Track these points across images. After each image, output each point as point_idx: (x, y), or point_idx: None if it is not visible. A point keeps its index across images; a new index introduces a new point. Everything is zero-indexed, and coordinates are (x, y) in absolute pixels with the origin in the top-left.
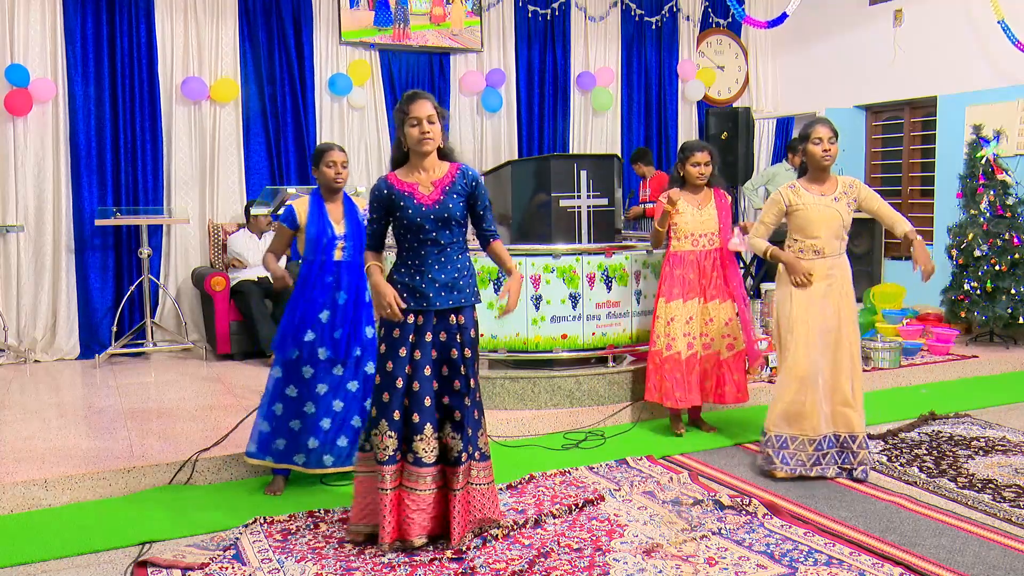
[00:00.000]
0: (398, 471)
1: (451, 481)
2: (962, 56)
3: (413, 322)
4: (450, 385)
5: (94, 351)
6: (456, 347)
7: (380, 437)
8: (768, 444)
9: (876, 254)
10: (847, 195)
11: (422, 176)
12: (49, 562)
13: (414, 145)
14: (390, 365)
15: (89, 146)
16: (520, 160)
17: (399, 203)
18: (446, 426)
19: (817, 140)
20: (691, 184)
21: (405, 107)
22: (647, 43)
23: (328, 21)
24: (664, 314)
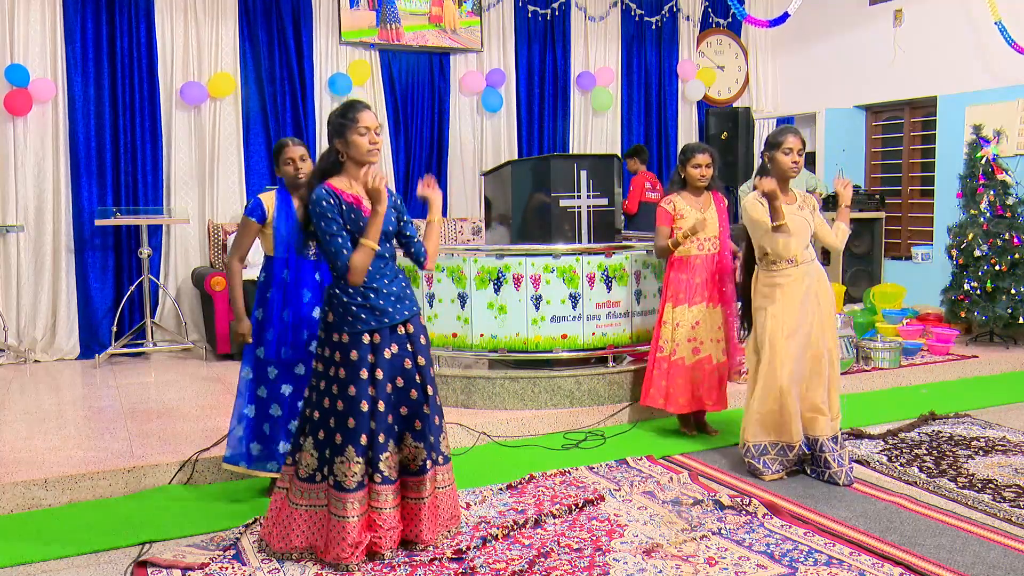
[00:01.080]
0: (366, 495)
1: (418, 490)
2: (962, 56)
3: (370, 342)
4: (407, 395)
5: (94, 351)
6: (409, 356)
7: (347, 464)
8: (748, 454)
9: (876, 254)
10: (808, 204)
11: (359, 189)
12: (49, 562)
13: (362, 155)
14: (352, 389)
15: (89, 146)
16: (520, 160)
17: (349, 216)
18: (407, 437)
19: (788, 150)
20: (692, 186)
21: (352, 115)
22: (647, 43)
23: (328, 21)
24: (671, 319)
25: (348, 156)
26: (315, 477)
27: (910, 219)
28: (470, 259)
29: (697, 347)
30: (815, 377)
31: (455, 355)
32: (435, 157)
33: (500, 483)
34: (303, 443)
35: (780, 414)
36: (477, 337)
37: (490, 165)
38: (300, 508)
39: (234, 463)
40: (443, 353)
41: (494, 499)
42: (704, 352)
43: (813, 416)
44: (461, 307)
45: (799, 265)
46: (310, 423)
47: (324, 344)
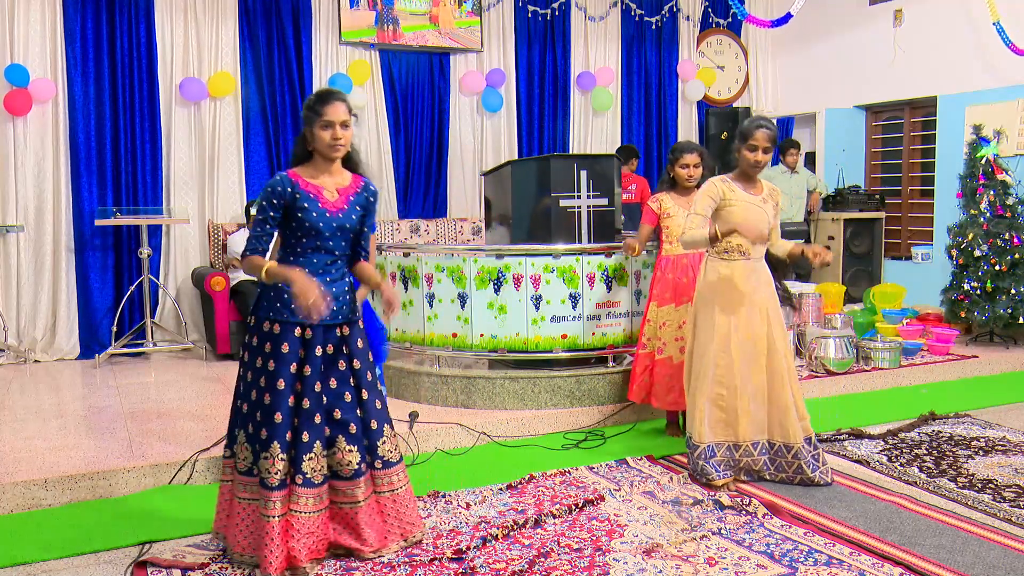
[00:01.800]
0: (287, 496)
1: (351, 494)
2: (962, 56)
3: (301, 335)
4: (341, 398)
5: (94, 351)
6: (344, 358)
7: (271, 461)
8: (700, 456)
9: (876, 254)
10: (771, 198)
11: (327, 180)
12: (49, 562)
13: (324, 149)
14: (281, 383)
15: (89, 146)
16: (520, 160)
17: (303, 204)
18: (339, 440)
19: (753, 147)
20: (681, 186)
21: (318, 107)
22: (647, 43)
23: (328, 21)
24: (656, 318)
25: (314, 147)
26: (252, 471)
27: (910, 219)
28: (470, 259)
29: (684, 346)
30: (775, 379)
31: (455, 355)
32: (435, 157)
33: (500, 483)
34: (238, 436)
35: (724, 411)
36: (477, 337)
37: (490, 165)
38: (244, 502)
39: None
40: (443, 353)
41: (494, 499)
42: None
43: (783, 423)
44: (461, 307)
45: (750, 260)
46: (241, 416)
47: (254, 332)
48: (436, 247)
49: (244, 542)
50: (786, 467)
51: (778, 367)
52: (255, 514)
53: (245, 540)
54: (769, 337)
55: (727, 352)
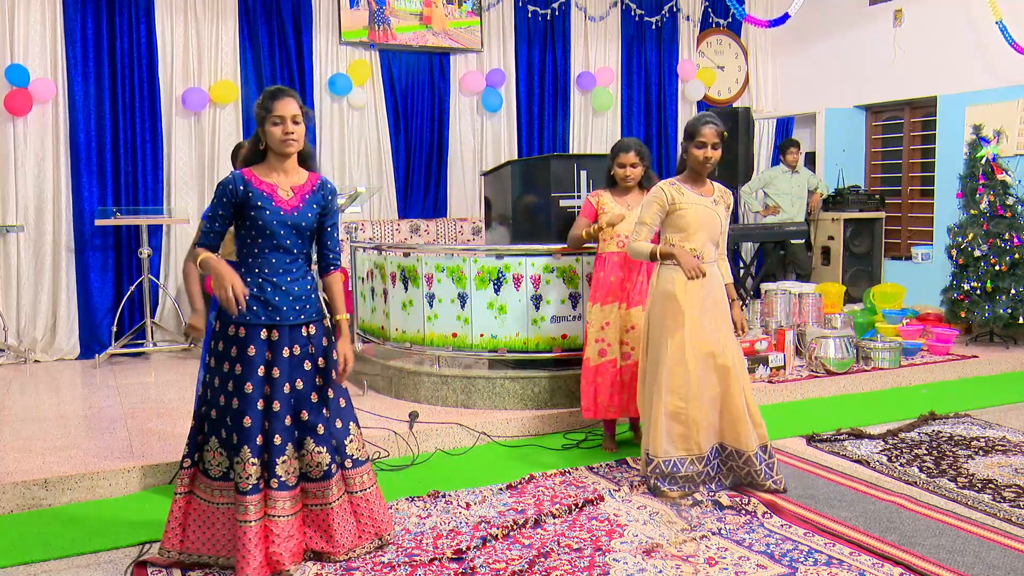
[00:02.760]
0: (262, 500)
1: (323, 496)
2: (962, 56)
3: (267, 337)
4: (307, 399)
5: (94, 351)
6: (309, 358)
7: (243, 466)
8: (655, 471)
9: (876, 254)
10: (723, 200)
11: (281, 179)
12: (49, 562)
13: (275, 145)
14: (249, 386)
15: (89, 146)
16: (520, 160)
17: (256, 203)
18: (308, 441)
19: (701, 144)
20: (619, 186)
21: (269, 104)
22: (647, 43)
23: (328, 21)
24: (589, 319)
25: (266, 145)
26: (228, 475)
27: (910, 219)
28: (470, 259)
29: (604, 348)
30: (730, 387)
31: (455, 355)
32: (435, 157)
33: (500, 483)
34: (206, 443)
35: (685, 422)
36: (477, 337)
37: (490, 165)
38: (222, 507)
39: None
40: (443, 353)
41: (494, 499)
42: (610, 355)
43: (736, 429)
44: (461, 307)
45: (704, 263)
46: (209, 421)
47: (219, 338)
48: (436, 247)
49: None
50: (737, 470)
51: (731, 373)
52: (227, 517)
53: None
54: (721, 343)
55: (683, 362)
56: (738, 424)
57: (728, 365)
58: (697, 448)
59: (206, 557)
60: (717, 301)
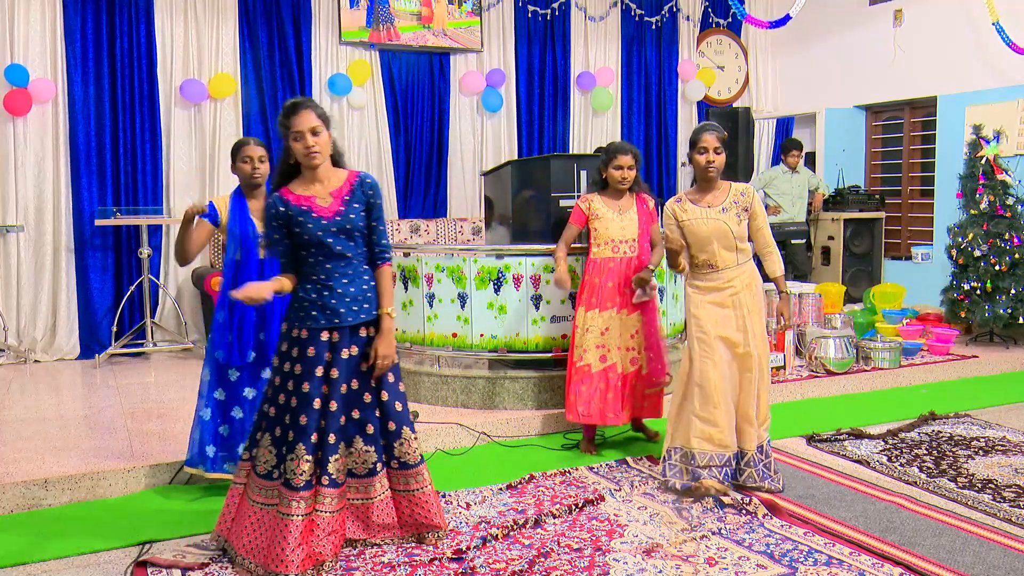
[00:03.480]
0: (312, 496)
1: (367, 492)
2: (962, 56)
3: (328, 339)
4: (359, 399)
5: (94, 351)
6: (366, 360)
7: (297, 462)
8: (693, 462)
9: (876, 254)
10: (738, 204)
11: (318, 188)
12: (49, 562)
13: (302, 160)
14: (307, 386)
15: (89, 146)
16: (520, 160)
17: (298, 219)
18: (357, 440)
19: (703, 149)
20: (613, 188)
21: (286, 121)
22: (647, 43)
23: (328, 21)
24: (581, 324)
25: (295, 159)
26: (272, 474)
27: (910, 219)
28: (470, 259)
29: (604, 354)
30: (745, 386)
31: (455, 355)
32: (435, 157)
33: (500, 483)
34: (260, 439)
35: (716, 418)
36: (477, 337)
37: (490, 165)
38: (257, 506)
39: (193, 466)
40: (443, 353)
41: (494, 499)
42: (610, 360)
43: (741, 427)
44: (461, 307)
45: (720, 270)
46: (267, 419)
47: (284, 339)
48: (436, 247)
49: (250, 545)
50: (737, 474)
51: (750, 374)
52: (268, 517)
53: (252, 544)
54: (747, 344)
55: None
56: (744, 423)
57: (748, 364)
58: (723, 447)
59: (232, 552)
60: (745, 302)
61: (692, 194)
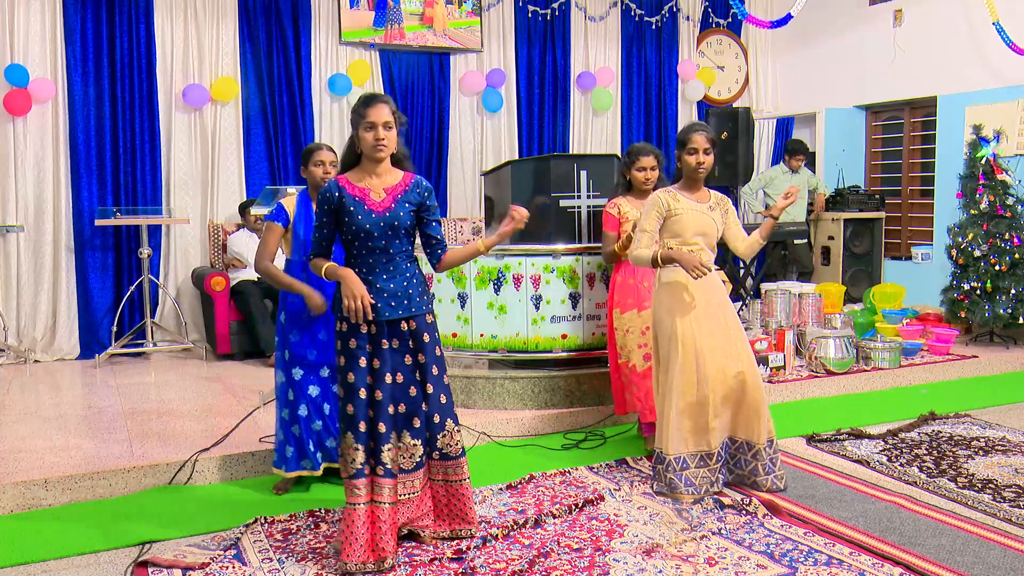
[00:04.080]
0: (369, 484)
1: (413, 485)
2: (962, 56)
3: (367, 331)
4: (406, 392)
5: (94, 351)
6: (410, 353)
7: (348, 451)
8: (669, 469)
9: (876, 254)
10: (720, 206)
11: (374, 181)
12: (49, 562)
13: (368, 151)
14: (351, 376)
15: (89, 146)
16: (520, 160)
17: (349, 207)
18: (405, 434)
19: (692, 151)
20: (637, 190)
21: (362, 110)
22: (647, 43)
23: (328, 21)
24: (620, 325)
25: (360, 150)
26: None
27: (910, 219)
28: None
29: (648, 353)
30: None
31: (455, 355)
32: (435, 157)
33: (500, 483)
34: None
35: (697, 420)
36: (477, 337)
37: (490, 165)
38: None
39: (277, 467)
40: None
41: (494, 499)
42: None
43: (750, 421)
44: (461, 307)
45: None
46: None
47: (336, 335)
48: None
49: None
50: (744, 465)
51: (745, 372)
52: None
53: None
54: (731, 342)
55: (691, 361)
56: (752, 416)
57: (742, 367)
58: (707, 445)
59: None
60: (721, 302)
61: (679, 190)
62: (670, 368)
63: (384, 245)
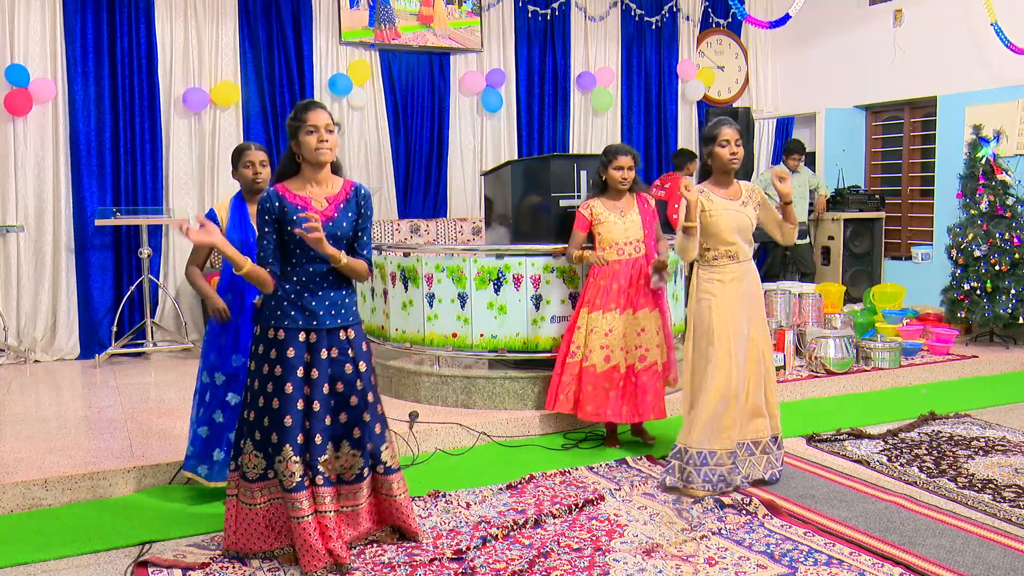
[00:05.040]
0: (310, 496)
1: (356, 498)
2: (962, 56)
3: (305, 340)
4: (346, 401)
5: (94, 351)
6: (349, 362)
7: (285, 464)
8: (689, 462)
9: (876, 254)
10: (752, 199)
11: (315, 190)
12: (49, 562)
13: (310, 155)
14: (289, 387)
15: (89, 146)
16: (520, 160)
17: (292, 216)
18: (344, 444)
19: (724, 143)
20: (613, 190)
21: (301, 115)
22: (647, 43)
23: (328, 21)
24: (585, 324)
25: (302, 157)
26: (267, 475)
27: (910, 219)
28: (470, 259)
29: (608, 355)
30: (755, 379)
31: (455, 355)
32: (435, 157)
33: (500, 483)
34: (244, 446)
35: (723, 418)
36: (477, 337)
37: (490, 165)
38: (259, 507)
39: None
40: (443, 353)
41: (494, 499)
42: (614, 360)
43: (754, 418)
44: (461, 307)
45: (740, 262)
46: (247, 424)
47: (260, 341)
48: (436, 247)
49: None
50: (755, 464)
51: (757, 367)
52: (279, 510)
53: (270, 534)
54: (754, 337)
55: (729, 361)
56: (757, 415)
57: (756, 357)
58: (730, 443)
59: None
60: (755, 296)
61: (711, 187)
62: (701, 364)
63: (324, 256)
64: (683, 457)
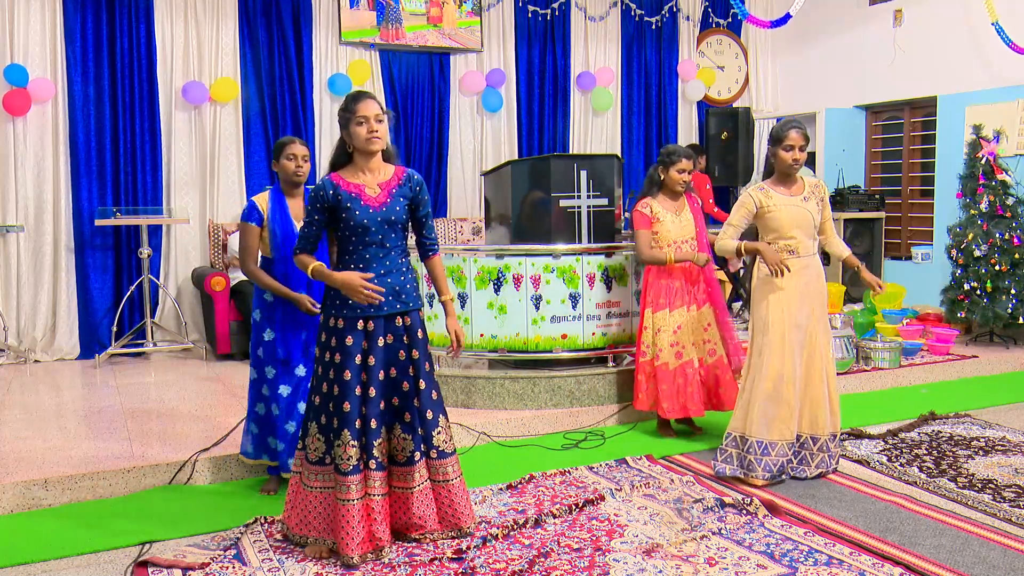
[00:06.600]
0: (363, 480)
1: (405, 480)
2: (962, 56)
3: (363, 328)
4: (398, 387)
5: (94, 351)
6: (403, 348)
7: (343, 448)
8: (750, 451)
9: (876, 254)
10: (815, 195)
11: (368, 177)
12: (49, 562)
13: (361, 144)
14: (348, 374)
15: (89, 146)
16: (520, 160)
17: (346, 204)
18: (396, 427)
19: (789, 147)
20: (670, 190)
21: (352, 106)
22: (647, 43)
23: (328, 21)
24: (651, 324)
25: (353, 146)
26: (324, 460)
27: (910, 219)
28: (470, 259)
29: (680, 351)
30: (815, 373)
31: None
32: (435, 157)
33: (500, 483)
34: (310, 428)
35: (780, 408)
36: (477, 337)
37: (490, 165)
38: (315, 491)
39: (243, 453)
40: (443, 353)
41: (494, 499)
42: (687, 356)
43: (813, 414)
44: (461, 307)
45: (801, 257)
46: (314, 409)
47: (322, 329)
48: None
49: (315, 525)
50: (810, 460)
51: (817, 361)
52: (328, 500)
53: (319, 524)
54: (812, 331)
55: (782, 350)
56: (816, 409)
57: (814, 352)
58: (790, 434)
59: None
60: (817, 291)
61: (772, 185)
62: (760, 355)
63: (380, 240)
64: (742, 446)
